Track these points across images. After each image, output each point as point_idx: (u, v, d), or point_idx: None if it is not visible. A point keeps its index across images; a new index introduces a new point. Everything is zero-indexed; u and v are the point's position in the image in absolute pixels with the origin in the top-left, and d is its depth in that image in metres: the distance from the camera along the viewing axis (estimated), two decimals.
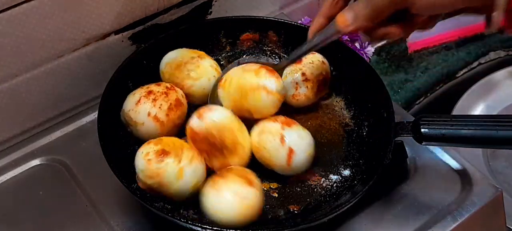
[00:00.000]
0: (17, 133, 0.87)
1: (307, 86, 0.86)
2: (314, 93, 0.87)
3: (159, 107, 0.80)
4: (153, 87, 0.82)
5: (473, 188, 0.81)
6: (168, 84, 0.84)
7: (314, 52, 0.89)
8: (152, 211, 0.71)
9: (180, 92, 0.84)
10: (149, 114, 0.79)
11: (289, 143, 0.76)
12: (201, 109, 0.77)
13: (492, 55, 1.29)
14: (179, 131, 0.83)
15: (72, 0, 0.81)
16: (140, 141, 0.81)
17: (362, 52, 1.05)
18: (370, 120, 0.85)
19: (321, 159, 0.81)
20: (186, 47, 0.90)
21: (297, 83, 0.86)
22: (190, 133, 0.76)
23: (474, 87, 1.21)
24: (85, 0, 0.82)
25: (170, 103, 0.80)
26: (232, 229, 0.70)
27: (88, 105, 0.92)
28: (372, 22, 0.68)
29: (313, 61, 0.87)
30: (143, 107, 0.79)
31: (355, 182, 0.78)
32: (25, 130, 0.88)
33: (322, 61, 0.88)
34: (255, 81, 0.79)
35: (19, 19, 0.77)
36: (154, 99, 0.80)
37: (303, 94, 0.86)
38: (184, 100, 0.83)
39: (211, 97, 0.84)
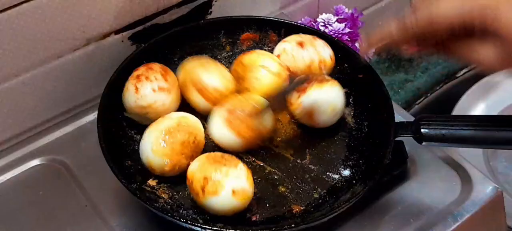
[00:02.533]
0: (17, 133, 0.87)
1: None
2: None
3: (156, 79, 0.80)
4: (135, 73, 0.82)
5: (473, 188, 0.81)
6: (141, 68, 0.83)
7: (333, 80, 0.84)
8: (152, 211, 0.71)
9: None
10: (154, 90, 0.79)
11: None
12: None
13: None
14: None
15: (72, 0, 0.81)
16: (140, 140, 0.81)
17: None
18: (370, 120, 0.85)
19: (321, 159, 0.81)
20: (186, 47, 0.90)
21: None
22: None
23: (474, 87, 1.21)
24: (85, 0, 0.82)
25: (161, 73, 0.81)
26: (231, 229, 0.70)
27: (88, 105, 0.92)
28: None
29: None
30: (144, 88, 0.79)
31: (355, 182, 0.78)
32: (25, 130, 0.88)
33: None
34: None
35: (19, 19, 0.77)
36: (146, 77, 0.80)
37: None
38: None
39: None
